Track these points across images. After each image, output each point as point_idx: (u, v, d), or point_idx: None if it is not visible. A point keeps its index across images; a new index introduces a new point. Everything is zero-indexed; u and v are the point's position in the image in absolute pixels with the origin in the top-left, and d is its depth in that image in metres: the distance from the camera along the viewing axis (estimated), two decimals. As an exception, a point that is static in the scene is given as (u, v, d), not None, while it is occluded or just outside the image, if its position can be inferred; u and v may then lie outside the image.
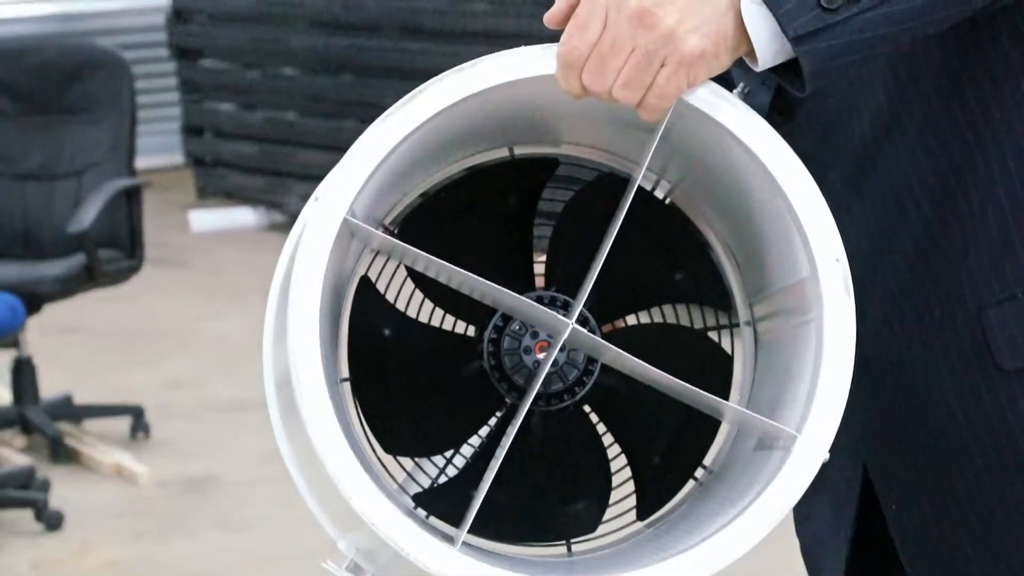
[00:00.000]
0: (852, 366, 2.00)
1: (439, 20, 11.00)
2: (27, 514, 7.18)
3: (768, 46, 1.91)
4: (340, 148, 8.51)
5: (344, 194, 1.94)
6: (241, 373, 8.60)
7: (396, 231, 2.11)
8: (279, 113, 12.41)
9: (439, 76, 1.96)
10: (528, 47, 1.95)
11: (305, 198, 8.78)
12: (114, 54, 8.62)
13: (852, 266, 2.03)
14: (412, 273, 2.13)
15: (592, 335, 2.03)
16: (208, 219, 12.48)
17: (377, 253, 2.11)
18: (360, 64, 11.58)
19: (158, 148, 11.91)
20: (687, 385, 2.04)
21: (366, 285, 2.13)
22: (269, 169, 12.34)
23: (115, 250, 7.92)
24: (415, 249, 2.03)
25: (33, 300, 7.59)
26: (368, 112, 11.19)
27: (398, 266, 2.13)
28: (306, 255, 1.93)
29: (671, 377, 2.03)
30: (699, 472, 2.23)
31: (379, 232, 2.02)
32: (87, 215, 7.74)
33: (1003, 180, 2.20)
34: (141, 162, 8.48)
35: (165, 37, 13.29)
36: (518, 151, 2.14)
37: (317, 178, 8.88)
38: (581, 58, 1.88)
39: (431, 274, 2.08)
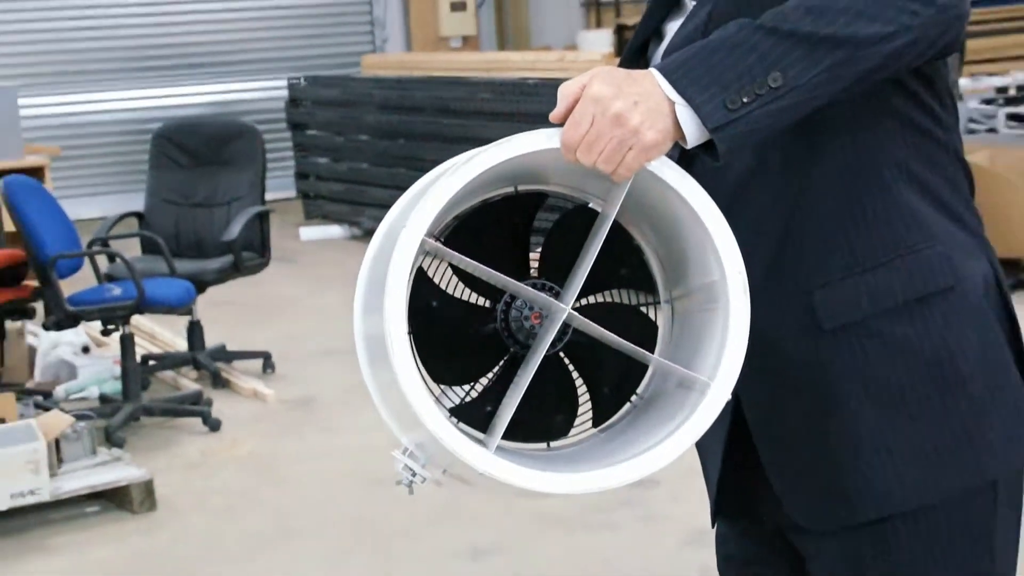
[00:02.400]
0: (748, 339, 2.08)
1: (461, 104, 10.98)
2: (197, 421, 7.28)
3: (695, 134, 1.96)
4: (396, 187, 8.74)
5: (421, 224, 2.00)
6: (331, 331, 8.59)
7: (443, 240, 2.15)
8: (356, 164, 12.36)
9: (486, 147, 2.05)
10: (539, 130, 2.04)
11: (373, 219, 8.89)
12: (251, 127, 8.76)
13: None
14: (452, 267, 2.19)
15: (572, 312, 2.11)
16: (310, 232, 12.49)
17: (427, 254, 2.16)
18: (410, 132, 11.53)
19: (279, 187, 11.82)
20: (625, 341, 2.16)
21: (422, 274, 2.17)
22: (349, 200, 12.31)
23: (252, 252, 8.04)
24: (454, 252, 2.14)
25: (200, 285, 7.71)
26: (415, 164, 11.41)
27: (442, 262, 2.18)
28: (399, 258, 2.00)
29: (616, 336, 2.15)
30: (634, 398, 2.28)
31: (432, 241, 2.10)
32: (234, 230, 7.88)
33: (825, 209, 2.20)
34: (268, 195, 8.53)
35: (284, 116, 13.17)
36: (520, 188, 2.20)
37: (382, 206, 9.00)
38: (576, 144, 1.95)
39: (464, 268, 2.17)
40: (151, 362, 8.16)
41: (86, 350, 8.07)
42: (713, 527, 2.63)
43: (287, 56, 15.05)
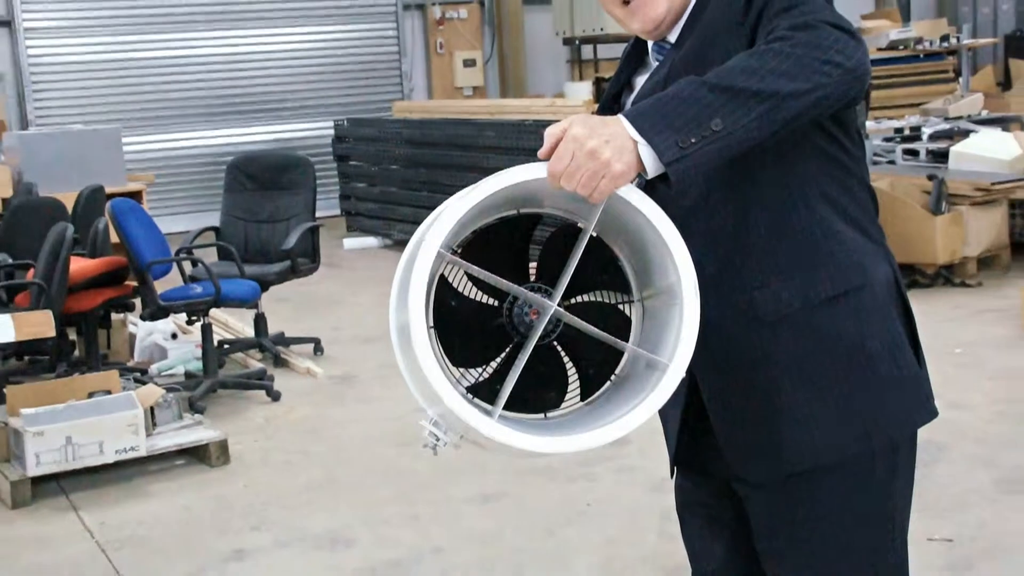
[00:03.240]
0: (700, 329, 2.09)
1: (470, 140, 10.89)
2: (261, 393, 7.26)
3: (653, 167, 1.99)
4: (419, 206, 8.81)
5: (437, 237, 2.03)
6: (368, 322, 8.59)
7: (460, 252, 2.19)
8: (387, 188, 12.23)
9: (488, 177, 2.08)
10: (530, 163, 2.07)
11: (402, 232, 8.90)
12: (305, 158, 8.75)
13: None
14: (467, 274, 2.20)
15: (560, 309, 2.15)
16: (352, 243, 12.43)
17: (446, 263, 2.16)
18: (430, 163, 11.43)
19: (327, 206, 11.68)
20: (604, 333, 2.18)
21: (444, 279, 2.20)
22: (382, 216, 12.24)
23: (305, 259, 8.01)
24: (468, 263, 2.16)
25: (264, 284, 7.70)
26: (434, 188, 11.37)
27: (460, 270, 2.19)
28: (419, 267, 2.03)
29: (596, 329, 2.18)
30: (613, 377, 2.31)
31: (449, 254, 2.13)
32: (291, 240, 7.89)
33: (761, 226, 2.23)
34: (318, 213, 8.49)
35: (331, 149, 13.12)
36: (521, 210, 2.23)
37: (408, 221, 9.03)
38: (559, 174, 1.98)
39: (476, 275, 2.19)
40: (225, 346, 8.11)
41: (174, 336, 8.06)
42: (672, 477, 2.64)
43: (333, 102, 15.01)
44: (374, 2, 15.43)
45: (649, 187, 2.13)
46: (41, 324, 6.23)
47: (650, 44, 2.42)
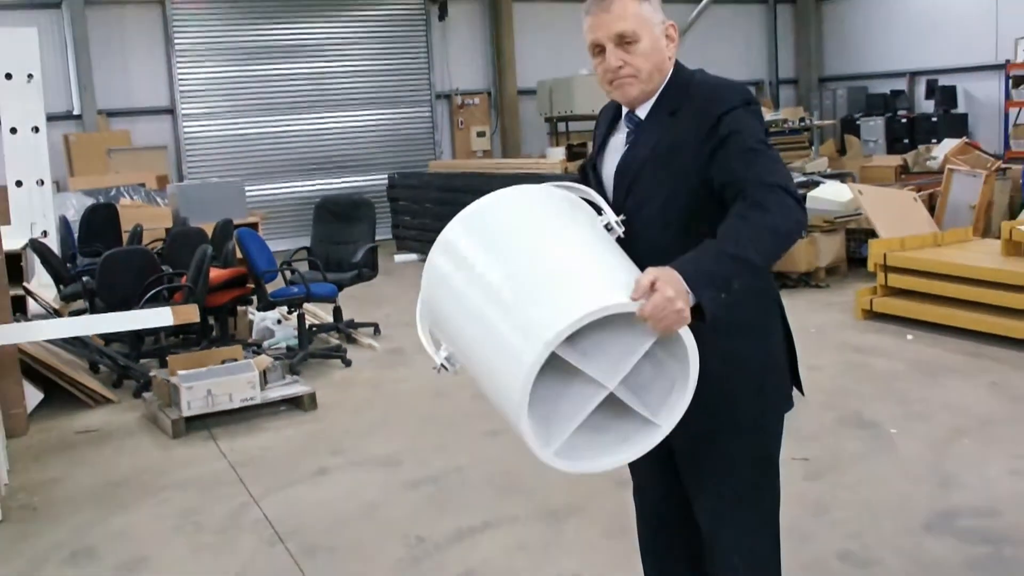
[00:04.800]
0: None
1: (481, 186, 10.76)
2: (338, 361, 7.21)
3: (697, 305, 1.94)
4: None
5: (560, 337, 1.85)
6: (411, 312, 8.60)
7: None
8: (424, 219, 12.18)
9: (605, 303, 1.88)
10: (624, 300, 1.89)
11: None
12: (368, 200, 8.59)
13: None
14: None
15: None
16: (400, 258, 12.35)
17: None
18: (453, 202, 11.40)
19: (383, 232, 11.57)
20: (632, 398, 2.02)
21: None
22: (420, 240, 12.19)
23: (368, 269, 7.95)
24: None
25: (340, 286, 7.63)
26: None
27: None
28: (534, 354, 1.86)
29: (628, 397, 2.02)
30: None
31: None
32: (359, 256, 7.83)
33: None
34: (377, 237, 8.38)
35: (386, 193, 13.01)
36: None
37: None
38: (652, 319, 1.87)
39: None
40: (314, 328, 7.91)
41: (279, 322, 8.03)
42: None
43: (388, 161, 14.83)
44: (416, 93, 15.31)
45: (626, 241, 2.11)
46: (190, 313, 6.25)
47: (624, 110, 2.31)
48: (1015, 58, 14.00)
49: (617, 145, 2.33)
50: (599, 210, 2.16)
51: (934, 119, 15.10)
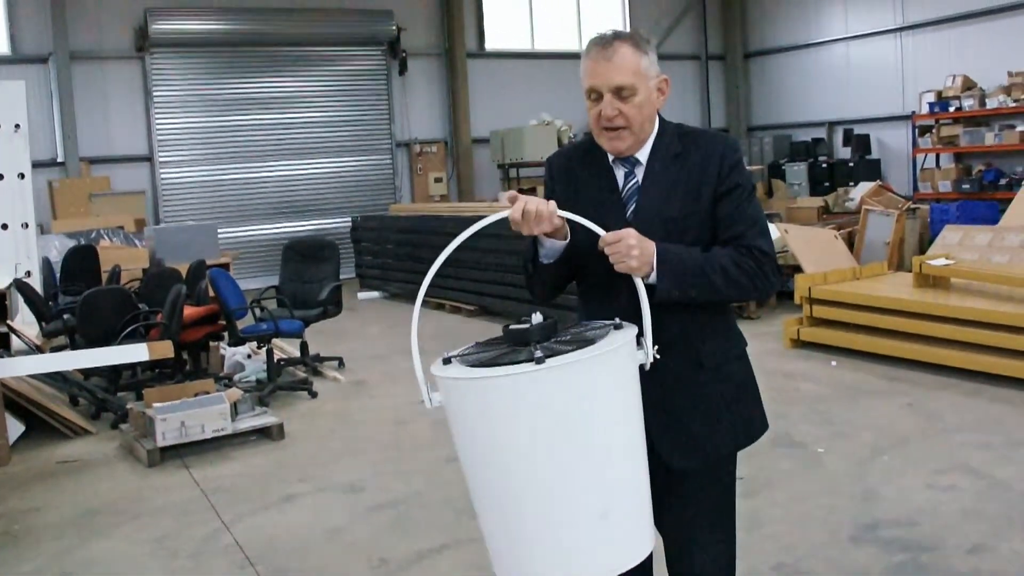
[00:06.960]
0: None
1: (438, 228, 10.68)
2: (304, 393, 7.14)
3: (651, 283, 2.02)
4: (408, 271, 8.50)
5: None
6: (374, 346, 8.55)
7: None
8: (386, 259, 12.09)
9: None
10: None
11: (398, 287, 8.64)
12: (332, 242, 8.44)
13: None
14: None
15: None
16: (363, 295, 12.30)
17: None
18: (412, 243, 11.26)
19: (347, 271, 11.57)
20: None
21: None
22: (382, 278, 12.13)
23: (334, 306, 7.85)
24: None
25: (307, 322, 7.51)
26: (417, 259, 10.95)
27: None
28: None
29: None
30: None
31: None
32: (324, 294, 7.69)
33: (704, 322, 2.20)
34: (342, 276, 8.35)
35: (350, 235, 12.90)
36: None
37: (401, 282, 8.78)
38: (612, 252, 1.97)
39: None
40: (282, 362, 7.85)
41: (249, 356, 7.96)
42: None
43: (351, 205, 14.77)
44: (377, 142, 15.29)
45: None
46: (165, 349, 6.15)
47: (610, 157, 2.23)
48: (920, 110, 14.39)
49: (603, 184, 2.23)
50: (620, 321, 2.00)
51: (851, 164, 15.41)
